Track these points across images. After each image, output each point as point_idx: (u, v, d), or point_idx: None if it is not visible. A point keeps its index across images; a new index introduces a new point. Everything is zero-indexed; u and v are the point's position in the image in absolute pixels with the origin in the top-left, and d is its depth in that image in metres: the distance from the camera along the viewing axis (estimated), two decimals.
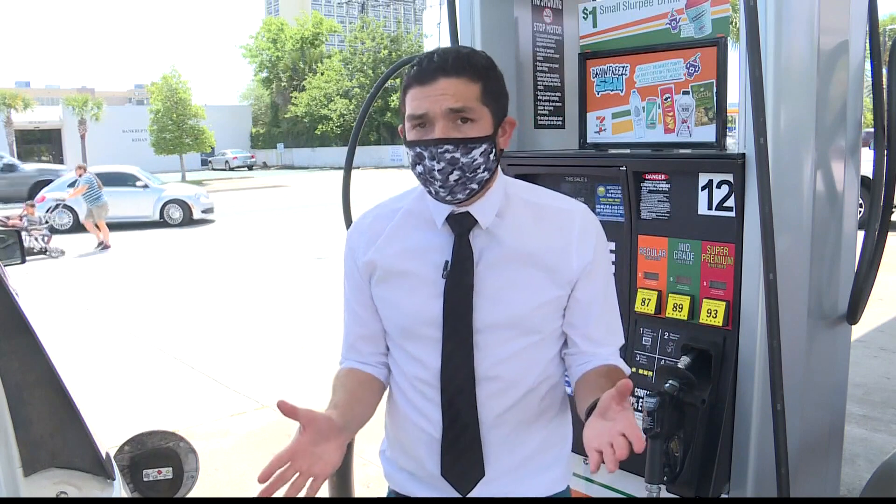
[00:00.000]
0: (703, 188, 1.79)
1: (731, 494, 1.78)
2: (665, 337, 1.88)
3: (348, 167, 2.46)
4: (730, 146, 1.90)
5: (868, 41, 1.81)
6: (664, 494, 1.73)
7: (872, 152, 1.85)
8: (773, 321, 1.53)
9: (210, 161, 46.68)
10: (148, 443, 1.79)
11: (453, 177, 1.21)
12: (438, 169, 1.20)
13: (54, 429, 1.44)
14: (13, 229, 4.71)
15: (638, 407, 1.80)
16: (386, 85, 2.76)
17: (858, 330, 3.59)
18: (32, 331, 1.42)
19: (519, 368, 1.30)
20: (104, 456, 1.46)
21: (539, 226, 1.30)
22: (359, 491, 2.83)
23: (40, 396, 1.43)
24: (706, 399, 1.72)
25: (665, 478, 1.64)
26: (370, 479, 3.33)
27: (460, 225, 1.28)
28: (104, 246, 12.31)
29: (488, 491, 1.32)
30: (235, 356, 5.76)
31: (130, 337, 6.52)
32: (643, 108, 2.02)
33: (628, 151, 2.07)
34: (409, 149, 1.24)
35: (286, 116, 53.25)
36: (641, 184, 1.91)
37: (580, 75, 2.18)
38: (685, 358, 1.76)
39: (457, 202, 1.25)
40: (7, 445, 1.33)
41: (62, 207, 14.43)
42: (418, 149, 1.22)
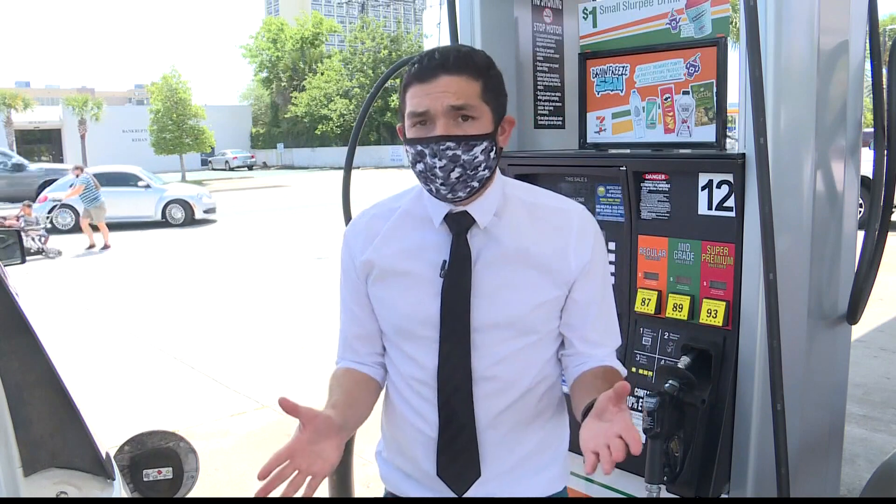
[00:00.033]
0: (703, 188, 1.79)
1: (731, 494, 1.78)
2: (665, 337, 1.88)
3: (348, 167, 2.46)
4: (730, 146, 1.90)
5: (868, 41, 1.81)
6: (664, 494, 1.73)
7: (872, 152, 1.85)
8: (773, 321, 1.52)
9: (210, 161, 46.65)
10: (148, 443, 1.79)
11: (455, 174, 1.21)
12: (440, 166, 1.20)
13: (54, 429, 1.44)
14: (13, 229, 4.71)
15: (638, 407, 1.80)
16: (386, 85, 2.76)
17: (858, 330, 3.58)
18: (32, 331, 1.42)
19: (516, 368, 1.29)
20: (104, 456, 1.46)
21: (537, 226, 1.30)
22: (358, 491, 2.83)
23: (40, 396, 1.43)
24: (706, 399, 1.72)
25: (665, 478, 1.64)
26: (370, 479, 3.33)
27: (458, 224, 1.28)
28: (104, 246, 12.31)
29: (484, 491, 1.31)
30: (235, 356, 5.76)
31: (130, 337, 6.52)
32: (643, 108, 2.02)
33: (628, 151, 2.07)
34: (410, 147, 1.23)
35: (286, 116, 53.22)
36: (641, 184, 1.91)
37: (580, 75, 2.18)
38: (685, 358, 1.75)
39: (457, 200, 1.25)
40: (7, 445, 1.33)
41: (64, 207, 14.44)
42: (419, 146, 1.21)
